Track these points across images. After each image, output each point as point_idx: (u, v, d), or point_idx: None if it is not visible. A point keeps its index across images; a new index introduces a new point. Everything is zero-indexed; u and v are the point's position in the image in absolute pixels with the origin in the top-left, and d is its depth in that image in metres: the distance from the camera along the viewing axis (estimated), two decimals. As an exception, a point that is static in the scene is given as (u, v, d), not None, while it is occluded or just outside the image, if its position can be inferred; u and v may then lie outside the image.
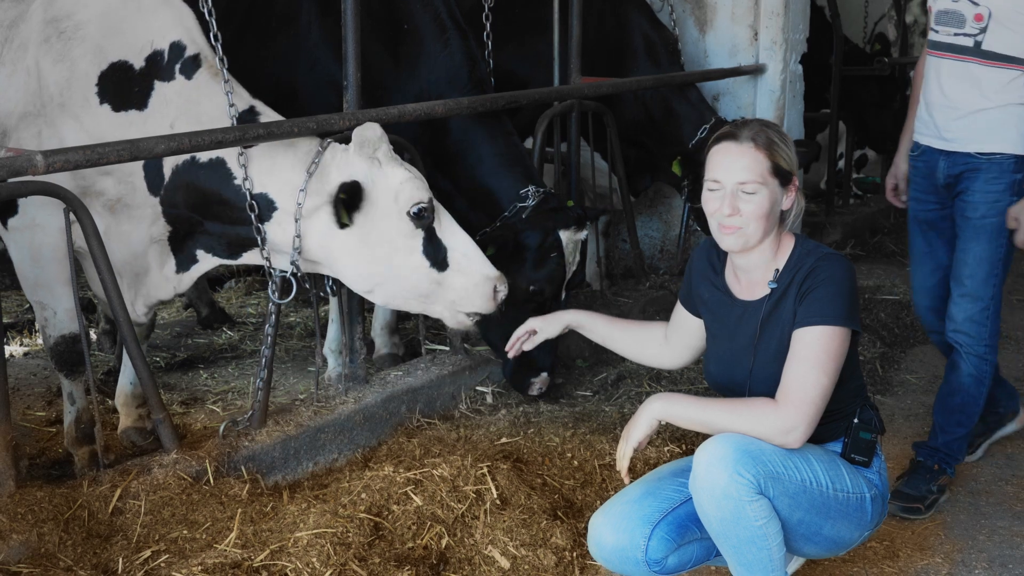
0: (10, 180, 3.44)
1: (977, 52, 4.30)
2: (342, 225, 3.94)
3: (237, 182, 4.01)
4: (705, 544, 3.37)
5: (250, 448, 4.15)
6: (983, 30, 4.27)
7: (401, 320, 5.93)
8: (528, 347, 3.87)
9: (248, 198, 3.99)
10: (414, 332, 5.70)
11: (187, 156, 4.03)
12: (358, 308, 4.76)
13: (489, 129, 5.08)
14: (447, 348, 5.27)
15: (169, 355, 5.79)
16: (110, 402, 4.74)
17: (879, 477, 3.41)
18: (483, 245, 4.75)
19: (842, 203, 9.07)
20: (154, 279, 4.24)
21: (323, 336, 5.32)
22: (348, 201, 3.92)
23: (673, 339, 3.75)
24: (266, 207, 4.01)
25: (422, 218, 3.99)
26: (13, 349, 5.85)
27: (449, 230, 4.12)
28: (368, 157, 3.98)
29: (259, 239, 4.03)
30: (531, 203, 4.92)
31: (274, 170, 4.02)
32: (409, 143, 4.68)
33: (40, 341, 5.97)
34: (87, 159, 3.53)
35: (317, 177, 3.98)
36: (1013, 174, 4.32)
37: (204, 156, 4.04)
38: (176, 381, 5.38)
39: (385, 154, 4.01)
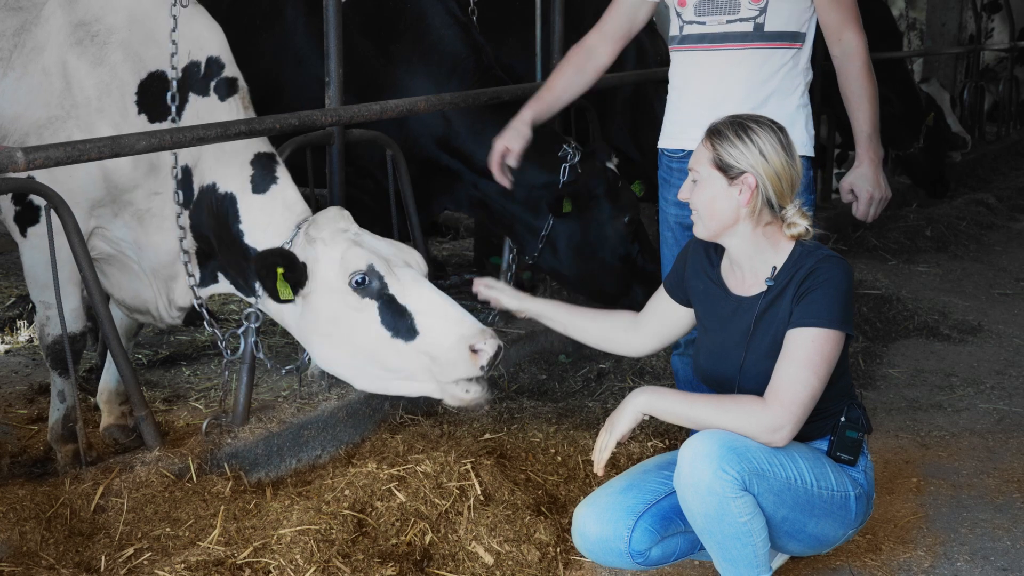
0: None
1: (759, 36, 3.92)
2: (282, 300, 3.77)
3: (241, 226, 3.97)
4: (689, 537, 3.38)
5: (233, 445, 4.14)
6: (763, 11, 3.90)
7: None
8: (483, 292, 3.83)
9: (245, 246, 3.94)
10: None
11: (210, 180, 3.99)
12: (341, 304, 4.74)
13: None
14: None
15: (151, 352, 5.76)
16: (92, 400, 4.72)
17: (864, 476, 3.42)
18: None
19: (824, 198, 9.08)
20: (181, 287, 4.21)
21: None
22: (292, 276, 3.74)
23: (646, 325, 3.72)
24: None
25: (366, 286, 3.68)
26: (-6, 347, 5.83)
27: (414, 292, 3.70)
28: (312, 239, 3.80)
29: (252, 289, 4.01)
30: None
31: (269, 229, 3.94)
32: (392, 140, 4.69)
33: (21, 339, 5.95)
34: (68, 156, 3.50)
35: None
36: (808, 171, 3.96)
37: (222, 187, 3.99)
38: (158, 378, 5.35)
39: (332, 233, 3.78)
